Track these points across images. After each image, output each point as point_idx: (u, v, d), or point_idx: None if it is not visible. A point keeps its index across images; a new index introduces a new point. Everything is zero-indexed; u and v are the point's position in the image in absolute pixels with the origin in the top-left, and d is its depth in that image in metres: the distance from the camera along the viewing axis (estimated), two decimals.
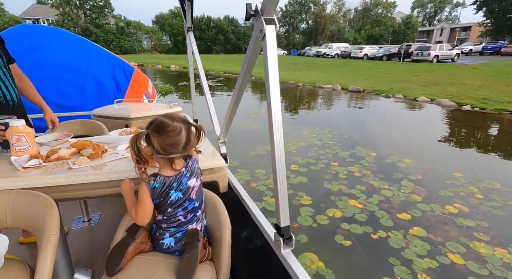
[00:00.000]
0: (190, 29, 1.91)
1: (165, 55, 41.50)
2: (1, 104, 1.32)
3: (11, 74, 1.44)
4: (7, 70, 1.40)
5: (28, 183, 0.99)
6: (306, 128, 6.06)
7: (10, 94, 1.38)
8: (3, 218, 0.84)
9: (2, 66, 1.36)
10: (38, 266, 0.77)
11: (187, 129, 0.90)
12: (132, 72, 3.76)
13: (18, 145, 1.16)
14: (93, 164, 1.15)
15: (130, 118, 2.47)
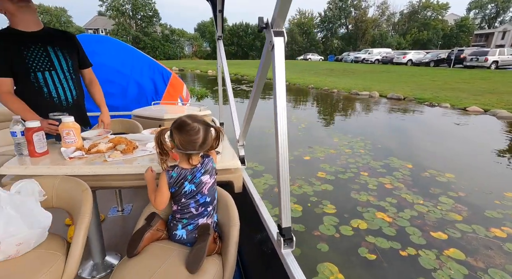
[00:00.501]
0: (220, 38, 2.04)
1: (204, 60, 43.62)
2: (54, 104, 1.53)
3: (75, 77, 1.59)
4: (71, 74, 1.56)
5: (71, 170, 1.15)
6: (337, 135, 5.88)
7: (66, 96, 1.57)
8: (50, 198, 1.00)
9: (66, 70, 1.55)
10: (73, 241, 0.90)
11: (205, 130, 0.99)
12: (170, 77, 4.06)
13: (67, 138, 1.36)
14: (124, 158, 1.29)
15: (164, 119, 2.68)
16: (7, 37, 1.39)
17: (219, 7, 1.85)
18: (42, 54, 1.46)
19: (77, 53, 1.62)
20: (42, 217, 0.83)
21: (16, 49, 1.39)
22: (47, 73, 1.48)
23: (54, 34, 1.53)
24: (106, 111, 1.78)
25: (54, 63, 1.49)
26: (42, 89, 1.49)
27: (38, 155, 1.27)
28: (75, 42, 1.62)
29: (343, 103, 10.38)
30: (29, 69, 1.43)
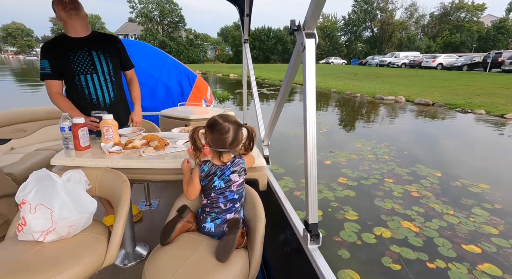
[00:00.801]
0: (246, 41, 2.10)
1: (226, 64, 44.47)
2: (93, 104, 1.66)
3: (115, 80, 1.69)
4: (110, 77, 1.67)
5: (111, 163, 1.26)
6: (360, 141, 5.73)
7: (104, 98, 1.69)
8: (93, 188, 1.10)
9: (106, 73, 1.66)
10: (114, 228, 0.99)
11: (235, 129, 1.04)
12: (195, 79, 4.21)
13: (106, 134, 1.48)
14: (157, 153, 1.37)
15: (190, 119, 2.80)
16: (59, 43, 1.56)
17: (247, 11, 1.91)
18: (86, 58, 1.59)
19: (119, 56, 1.73)
20: (89, 203, 0.92)
21: (65, 54, 1.55)
22: (89, 76, 1.61)
23: (99, 38, 1.66)
24: (138, 110, 1.87)
25: (96, 66, 1.62)
26: (84, 91, 1.63)
27: (82, 149, 1.39)
28: (118, 46, 1.73)
29: (367, 108, 10.09)
30: (74, 72, 1.58)
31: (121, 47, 1.75)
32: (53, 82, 1.57)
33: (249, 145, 1.10)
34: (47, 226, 0.84)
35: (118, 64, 1.73)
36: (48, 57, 1.53)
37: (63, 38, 1.57)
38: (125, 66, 1.80)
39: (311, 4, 0.78)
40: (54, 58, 1.54)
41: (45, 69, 1.54)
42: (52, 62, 1.54)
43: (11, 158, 2.19)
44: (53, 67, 1.54)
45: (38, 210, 0.84)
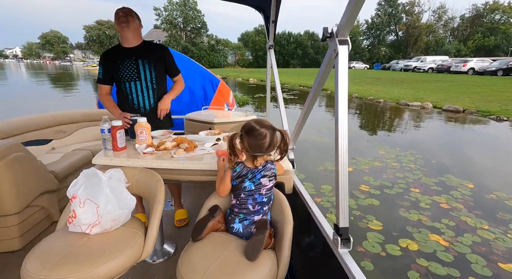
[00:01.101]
0: (271, 47, 2.15)
1: (245, 69, 45.03)
2: (134, 109, 1.79)
3: (156, 87, 1.78)
4: (152, 84, 1.76)
5: (145, 164, 1.34)
6: (383, 147, 5.55)
7: (144, 104, 1.80)
8: (131, 186, 1.18)
9: (148, 81, 1.76)
10: (149, 224, 1.05)
11: (271, 134, 1.08)
12: (218, 84, 4.33)
13: (140, 136, 1.57)
14: (187, 155, 1.44)
15: (214, 122, 2.88)
16: (113, 52, 1.75)
17: (272, 18, 1.96)
18: (132, 66, 1.72)
19: (164, 64, 1.82)
20: (129, 200, 0.99)
21: (115, 62, 1.72)
22: (133, 83, 1.75)
23: (148, 48, 1.77)
24: (167, 98, 1.83)
25: (140, 74, 1.74)
26: (128, 96, 1.77)
27: (119, 149, 1.49)
28: (164, 55, 1.80)
29: (390, 114, 9.76)
30: (121, 79, 1.74)
31: (167, 56, 1.83)
32: (103, 86, 1.79)
33: (284, 147, 1.12)
34: (94, 219, 0.92)
35: (162, 73, 1.83)
36: (102, 64, 1.75)
37: (117, 47, 1.75)
38: (171, 74, 1.90)
39: (345, 12, 0.80)
40: (106, 65, 1.73)
41: (99, 75, 1.77)
42: (104, 68, 1.74)
43: (52, 157, 2.37)
44: (105, 73, 1.75)
45: (86, 204, 0.92)
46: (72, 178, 2.30)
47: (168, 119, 1.97)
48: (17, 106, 9.81)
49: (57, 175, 2.05)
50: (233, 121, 2.93)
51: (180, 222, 2.00)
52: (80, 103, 11.01)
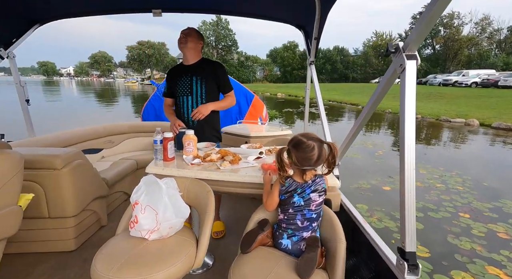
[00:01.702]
0: (312, 63, 2.17)
1: (273, 84, 45.69)
2: (185, 121, 1.90)
3: (206, 102, 1.87)
4: (202, 99, 1.88)
5: (194, 174, 1.39)
6: (424, 167, 5.18)
7: None
8: (183, 195, 1.23)
9: (199, 96, 1.87)
10: (201, 234, 1.08)
11: (319, 147, 1.07)
12: (252, 98, 4.45)
13: (188, 147, 1.65)
14: (233, 167, 1.48)
15: (249, 136, 2.94)
16: (175, 69, 1.97)
17: (315, 35, 1.98)
18: (187, 82, 1.88)
19: (217, 81, 1.93)
20: (184, 208, 1.03)
21: (175, 79, 1.91)
22: (185, 97, 1.89)
23: (203, 65, 1.90)
24: (209, 104, 1.85)
25: (193, 89, 1.88)
26: (181, 109, 1.93)
27: (169, 160, 1.58)
28: (217, 71, 1.90)
29: (429, 131, 9.15)
30: (177, 93, 1.91)
31: (220, 73, 1.93)
32: (166, 99, 2.04)
33: (332, 160, 1.10)
34: (153, 225, 0.97)
35: (214, 88, 1.94)
36: (166, 79, 2.01)
37: (179, 65, 1.96)
38: (223, 90, 2.01)
39: (416, 27, 0.78)
40: (169, 81, 1.97)
41: (164, 88, 2.04)
42: (168, 83, 1.99)
43: (102, 165, 2.57)
44: (168, 87, 2.00)
45: (147, 211, 0.98)
46: (119, 185, 2.47)
47: (217, 133, 2.07)
48: (65, 120, 10.91)
49: (108, 181, 2.21)
50: (269, 135, 2.97)
51: (217, 233, 2.02)
52: (119, 117, 11.88)
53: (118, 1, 2.01)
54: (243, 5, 2.19)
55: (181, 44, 1.81)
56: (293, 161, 1.08)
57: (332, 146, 1.09)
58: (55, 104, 16.67)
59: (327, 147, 1.10)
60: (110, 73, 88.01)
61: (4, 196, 1.26)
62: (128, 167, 2.59)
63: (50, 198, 1.67)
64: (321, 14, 1.82)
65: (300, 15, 2.20)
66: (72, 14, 2.16)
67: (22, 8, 1.88)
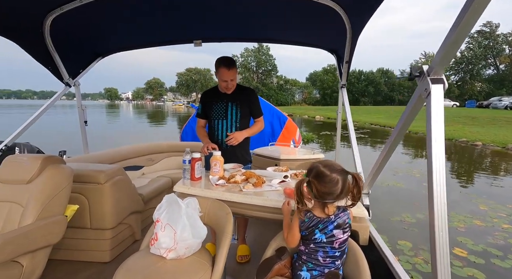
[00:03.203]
0: (343, 86, 2.13)
1: (312, 106, 45.43)
2: (218, 144, 1.97)
3: (239, 126, 1.96)
4: (236, 123, 1.96)
5: (217, 195, 1.42)
6: (486, 202, 4.45)
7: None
8: (204, 216, 1.26)
9: (234, 120, 1.96)
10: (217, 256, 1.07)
11: (343, 180, 0.99)
12: (286, 121, 4.46)
13: (215, 168, 1.71)
14: (255, 190, 1.47)
15: (280, 159, 2.91)
16: (210, 93, 2.07)
17: (346, 59, 1.97)
18: (222, 107, 1.99)
19: (250, 106, 2.02)
20: (201, 229, 1.05)
21: (210, 103, 2.01)
22: (220, 121, 2.00)
23: (238, 92, 2.02)
24: (244, 131, 1.97)
25: (228, 114, 1.99)
26: (215, 132, 2.02)
27: (196, 180, 1.64)
28: (250, 98, 2.03)
29: (493, 161, 7.96)
30: (211, 117, 2.02)
31: (253, 99, 2.04)
32: (200, 120, 2.12)
33: (357, 193, 1.01)
34: (171, 244, 1.00)
35: (247, 113, 2.04)
36: (201, 102, 2.09)
37: (214, 89, 2.07)
38: (254, 115, 2.10)
39: (440, 50, 0.73)
40: (204, 103, 2.06)
41: (199, 110, 2.11)
42: (202, 106, 2.07)
43: (142, 181, 2.78)
44: (202, 110, 2.08)
45: (166, 229, 1.01)
46: (154, 201, 2.63)
47: (247, 155, 2.13)
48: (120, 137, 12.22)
49: (144, 197, 2.36)
50: (299, 158, 2.91)
51: (242, 258, 1.97)
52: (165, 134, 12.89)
53: (164, 35, 2.28)
54: (278, 33, 2.31)
55: (228, 88, 1.91)
56: (313, 194, 1.01)
57: (357, 177, 1.01)
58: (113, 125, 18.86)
59: (351, 177, 1.02)
60: (161, 97, 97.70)
61: (54, 205, 1.44)
62: (163, 184, 2.75)
63: (93, 209, 1.85)
64: (351, 38, 1.82)
65: (332, 40, 2.23)
66: (127, 48, 2.52)
67: (88, 44, 2.25)
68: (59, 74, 2.25)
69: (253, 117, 2.11)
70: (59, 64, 2.18)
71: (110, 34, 2.17)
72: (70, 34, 2.03)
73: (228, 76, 1.88)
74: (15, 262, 1.23)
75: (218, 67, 1.88)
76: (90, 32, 2.06)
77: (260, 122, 2.13)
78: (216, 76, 1.96)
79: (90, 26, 1.97)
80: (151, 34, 2.24)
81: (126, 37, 2.27)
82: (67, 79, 2.30)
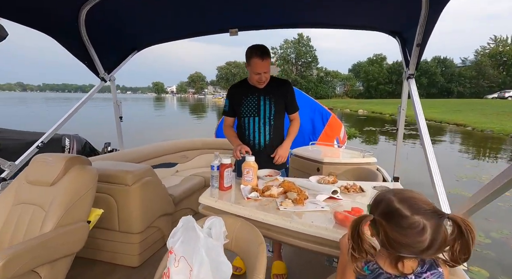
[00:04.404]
0: (411, 76, 1.66)
1: (354, 99, 42.72)
2: (249, 144, 1.74)
3: (274, 123, 1.71)
4: (270, 120, 1.70)
5: (249, 213, 1.16)
6: None
7: (259, 140, 1.71)
8: (230, 243, 1.01)
9: (267, 117, 1.69)
10: None
11: (435, 227, 0.62)
12: (329, 117, 4.02)
13: (247, 176, 1.45)
14: (296, 209, 1.17)
15: (322, 162, 2.54)
16: (239, 87, 1.79)
17: (418, 41, 1.50)
18: (254, 103, 1.72)
19: (285, 101, 1.74)
20: (225, 267, 0.81)
21: (239, 98, 1.74)
22: (252, 118, 1.73)
23: (272, 84, 1.75)
24: (286, 143, 1.75)
25: (260, 110, 1.72)
26: (245, 131, 1.77)
27: (225, 189, 1.41)
28: (286, 91, 1.74)
29: None
30: (241, 114, 1.76)
31: (289, 93, 1.76)
32: (227, 118, 1.84)
33: (463, 252, 0.63)
34: None
35: (282, 109, 1.76)
36: (229, 98, 1.81)
37: (244, 83, 1.80)
38: (289, 110, 1.82)
39: None
40: (232, 99, 1.79)
41: (226, 107, 1.83)
42: (230, 102, 1.80)
43: (174, 180, 2.68)
44: (230, 106, 1.81)
45: (181, 263, 0.80)
46: (186, 201, 2.51)
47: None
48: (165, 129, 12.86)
49: (175, 198, 2.24)
50: (347, 162, 2.50)
51: (278, 277, 1.71)
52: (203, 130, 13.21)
53: (199, 25, 2.08)
54: (325, 15, 1.93)
55: (261, 81, 1.64)
56: (380, 239, 0.68)
57: (462, 223, 0.62)
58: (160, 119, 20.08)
59: (453, 225, 0.64)
60: (202, 91, 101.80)
61: (76, 211, 1.34)
62: (196, 184, 2.61)
63: (121, 212, 1.76)
64: (428, 14, 1.37)
65: (395, 20, 1.78)
66: (162, 40, 2.39)
67: (123, 37, 2.17)
68: (95, 68, 2.22)
69: (288, 112, 1.80)
70: (95, 58, 2.13)
71: (144, 26, 2.06)
72: (105, 27, 1.96)
73: (262, 68, 1.59)
74: (33, 272, 1.15)
75: (250, 57, 1.60)
76: (124, 24, 1.97)
77: (297, 120, 1.84)
78: (246, 68, 1.69)
79: (124, 18, 1.87)
80: (186, 25, 2.07)
81: (161, 29, 2.14)
82: (102, 74, 2.26)
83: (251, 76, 1.69)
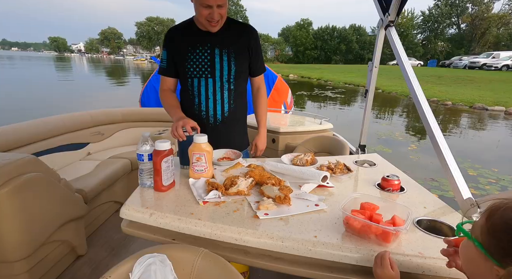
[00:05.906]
0: (391, 24, 1.37)
1: (285, 64, 43.78)
2: (201, 117, 1.23)
3: (234, 88, 1.24)
4: (229, 83, 1.22)
5: (211, 232, 0.71)
6: (472, 167, 4.38)
7: (215, 111, 1.23)
8: None
9: (225, 79, 1.20)
10: None
11: None
12: (275, 80, 3.66)
13: (197, 165, 0.96)
14: (282, 215, 0.78)
15: (278, 132, 2.22)
16: (182, 33, 1.19)
17: None
18: (205, 57, 1.17)
19: (249, 56, 1.24)
20: None
21: (184, 49, 1.18)
22: (203, 80, 1.20)
23: (230, 31, 1.19)
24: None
25: (216, 68, 1.19)
26: (194, 99, 1.23)
27: (164, 189, 0.90)
28: (251, 42, 1.22)
29: (466, 121, 8.15)
30: (187, 74, 1.20)
31: (254, 45, 1.24)
32: (165, 79, 1.27)
33: None
34: None
35: (244, 68, 1.26)
36: (167, 47, 1.22)
37: (190, 26, 1.19)
38: (254, 71, 1.30)
39: None
40: (172, 51, 1.21)
41: (163, 62, 1.25)
42: (169, 55, 1.22)
43: (86, 166, 1.95)
44: (169, 61, 1.23)
45: None
46: (106, 193, 1.86)
47: (247, 137, 1.42)
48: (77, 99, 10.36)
49: (86, 194, 1.58)
50: (304, 131, 2.24)
51: None
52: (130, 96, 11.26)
53: None
54: None
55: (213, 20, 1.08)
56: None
57: None
58: (68, 84, 16.06)
59: None
60: (120, 51, 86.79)
61: None
62: (119, 169, 1.94)
63: None
64: None
65: None
66: None
67: None
68: None
69: (251, 74, 1.32)
70: None
71: None
72: None
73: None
74: None
75: None
76: None
77: (264, 88, 1.38)
78: (191, 0, 1.09)
79: None
80: None
81: None
82: None
83: (198, 13, 1.09)
